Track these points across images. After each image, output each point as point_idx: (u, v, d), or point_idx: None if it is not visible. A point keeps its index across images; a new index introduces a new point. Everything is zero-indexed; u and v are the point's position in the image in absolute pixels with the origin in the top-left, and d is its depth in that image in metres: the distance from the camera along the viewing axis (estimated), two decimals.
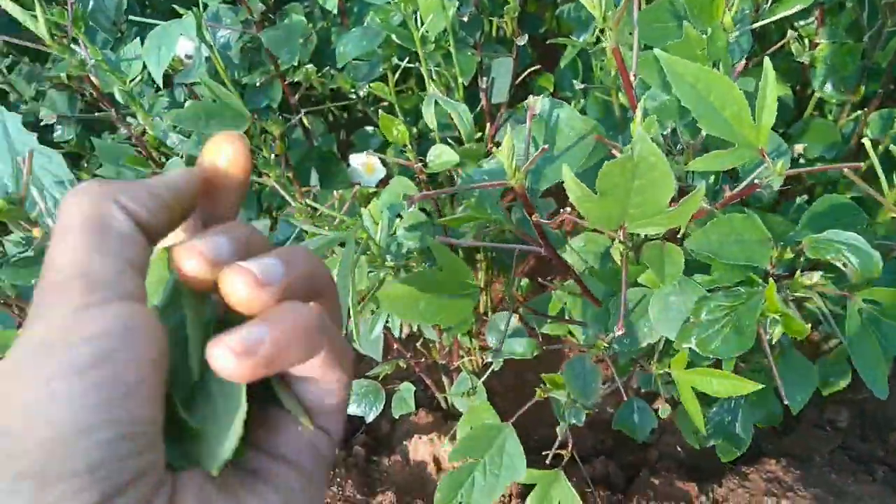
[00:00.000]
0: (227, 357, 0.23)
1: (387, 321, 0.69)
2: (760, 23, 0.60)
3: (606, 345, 0.53)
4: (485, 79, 0.82)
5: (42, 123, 0.67)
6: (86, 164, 0.83)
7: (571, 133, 0.50)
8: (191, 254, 0.25)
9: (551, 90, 0.90)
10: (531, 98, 0.47)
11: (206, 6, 0.64)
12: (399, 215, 0.67)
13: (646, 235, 0.55)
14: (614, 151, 0.54)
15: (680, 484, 0.84)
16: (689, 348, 0.49)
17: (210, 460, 0.25)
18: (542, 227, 0.49)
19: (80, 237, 0.24)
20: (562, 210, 0.47)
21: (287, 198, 0.58)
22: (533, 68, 0.82)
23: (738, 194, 0.50)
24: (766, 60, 0.41)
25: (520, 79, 0.83)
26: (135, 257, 0.24)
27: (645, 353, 0.61)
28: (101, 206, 0.24)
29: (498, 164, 0.49)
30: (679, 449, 0.91)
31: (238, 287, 0.24)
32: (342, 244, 0.51)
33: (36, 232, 0.51)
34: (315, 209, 0.57)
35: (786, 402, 0.58)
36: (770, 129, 0.43)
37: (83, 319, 0.22)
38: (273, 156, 0.65)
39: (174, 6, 0.59)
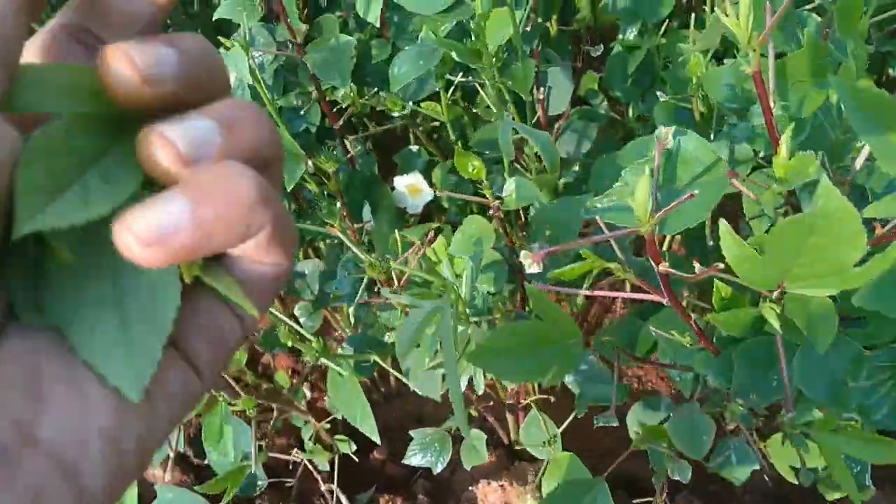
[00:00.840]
0: (133, 246, 0.18)
1: None
2: None
3: (741, 408, 0.46)
4: (542, 89, 0.75)
5: None
6: None
7: (698, 167, 0.43)
8: (122, 62, 0.18)
9: (596, 90, 0.81)
10: (661, 129, 0.40)
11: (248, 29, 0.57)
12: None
13: None
14: (736, 182, 0.47)
15: None
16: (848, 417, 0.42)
17: (116, 372, 0.19)
18: (668, 278, 0.42)
19: None
20: (698, 266, 0.40)
21: (355, 250, 0.51)
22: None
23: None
24: None
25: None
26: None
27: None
28: None
29: (618, 205, 0.42)
30: (766, 479, 0.84)
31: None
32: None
33: None
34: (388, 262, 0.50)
35: None
36: None
37: None
38: (327, 197, 0.58)
39: (218, 38, 0.51)
